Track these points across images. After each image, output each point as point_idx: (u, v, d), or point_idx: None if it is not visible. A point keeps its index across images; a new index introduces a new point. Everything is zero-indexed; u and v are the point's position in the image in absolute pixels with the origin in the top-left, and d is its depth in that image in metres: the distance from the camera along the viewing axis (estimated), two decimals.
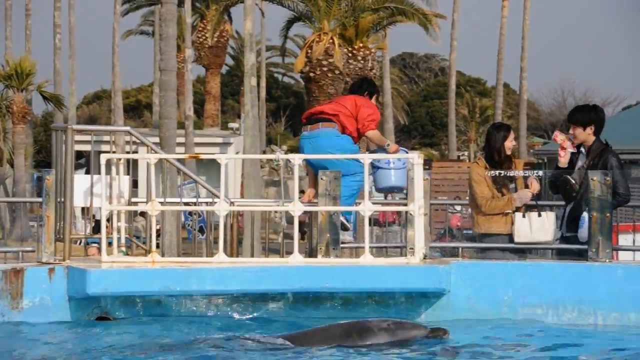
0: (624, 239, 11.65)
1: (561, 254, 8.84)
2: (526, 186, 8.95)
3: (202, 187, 10.75)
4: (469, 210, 9.48)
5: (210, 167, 23.46)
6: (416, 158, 8.13)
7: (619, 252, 9.17)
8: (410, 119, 65.29)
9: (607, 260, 8.10)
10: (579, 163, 8.95)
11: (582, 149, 8.89)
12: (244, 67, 19.66)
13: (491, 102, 52.88)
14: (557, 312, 7.93)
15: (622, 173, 8.99)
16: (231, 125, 39.41)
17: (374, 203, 8.57)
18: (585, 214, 8.50)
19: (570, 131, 8.87)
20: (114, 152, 9.40)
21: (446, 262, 8.13)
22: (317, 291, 7.90)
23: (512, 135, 9.08)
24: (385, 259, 8.86)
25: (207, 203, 10.56)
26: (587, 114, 8.79)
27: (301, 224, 8.81)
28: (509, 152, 8.99)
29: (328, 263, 8.05)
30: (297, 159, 8.42)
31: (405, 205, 8.32)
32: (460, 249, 9.45)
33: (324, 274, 7.85)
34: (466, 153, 54.38)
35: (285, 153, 32.93)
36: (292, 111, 64.38)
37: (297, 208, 8.17)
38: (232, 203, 10.21)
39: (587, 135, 8.75)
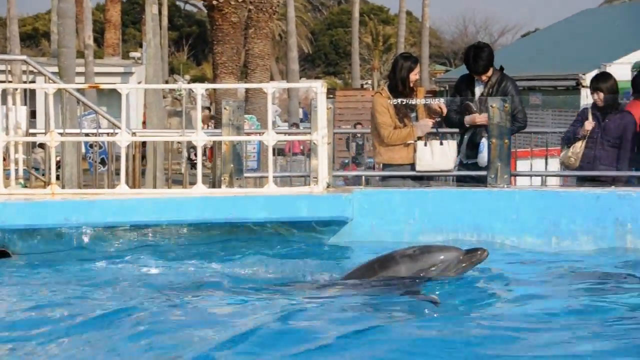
0: (522, 165, 11.92)
1: (461, 181, 9.00)
2: (429, 115, 9.04)
3: (103, 117, 10.57)
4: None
5: (111, 98, 23.05)
6: (319, 87, 8.12)
7: (516, 178, 9.37)
8: (314, 47, 65.10)
9: (505, 186, 8.27)
10: (478, 91, 9.08)
11: (483, 77, 9.02)
12: None
13: (394, 30, 53.04)
14: (457, 238, 8.09)
15: (520, 99, 9.17)
16: (132, 54, 38.71)
17: (277, 132, 8.55)
18: (484, 140, 8.65)
19: (476, 77, 8.98)
20: (10, 82, 9.15)
21: (349, 191, 8.19)
22: (220, 222, 7.89)
23: (418, 67, 9.14)
24: (288, 188, 8.89)
25: (108, 134, 10.40)
26: (484, 61, 8.91)
27: None
28: (412, 85, 9.03)
29: (231, 193, 8.04)
30: (199, 89, 8.33)
31: (309, 134, 8.34)
32: (363, 177, 9.54)
33: (227, 205, 7.84)
34: (370, 82, 54.60)
35: (188, 83, 32.55)
36: (194, 40, 63.49)
37: (199, 138, 8.11)
38: (133, 134, 10.07)
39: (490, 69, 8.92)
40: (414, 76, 9.00)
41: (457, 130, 9.34)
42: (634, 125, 9.01)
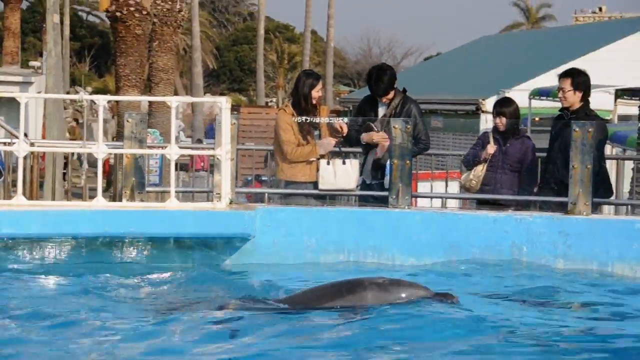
0: (423, 187, 12.08)
1: (364, 201, 9.06)
2: (331, 134, 9.09)
3: (0, 127, 10.33)
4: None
5: (10, 107, 22.49)
6: (224, 102, 8.08)
7: (417, 199, 9.49)
8: (219, 63, 64.92)
9: (406, 207, 8.36)
10: (381, 111, 9.17)
11: (384, 99, 9.12)
12: (46, 4, 18.91)
13: (299, 48, 53.29)
14: (357, 257, 8.13)
15: (423, 121, 9.29)
16: (32, 63, 37.92)
17: (180, 147, 8.49)
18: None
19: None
20: None
21: (252, 208, 8.17)
22: (120, 235, 7.77)
23: (320, 84, 9.18)
24: (191, 203, 8.81)
25: (5, 143, 10.16)
26: (387, 82, 9.00)
27: None
28: (314, 102, 9.06)
29: (132, 207, 7.93)
30: (101, 100, 8.20)
31: (213, 149, 8.29)
32: (266, 195, 9.53)
33: (128, 218, 7.73)
34: (274, 99, 54.67)
35: (90, 94, 32.07)
36: (97, 51, 62.62)
37: (100, 150, 7.98)
38: (32, 144, 9.86)
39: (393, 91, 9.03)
40: (316, 93, 9.04)
41: (360, 150, 9.40)
42: (533, 150, 9.21)
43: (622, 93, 20.94)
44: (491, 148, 9.10)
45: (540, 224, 8.08)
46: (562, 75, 8.87)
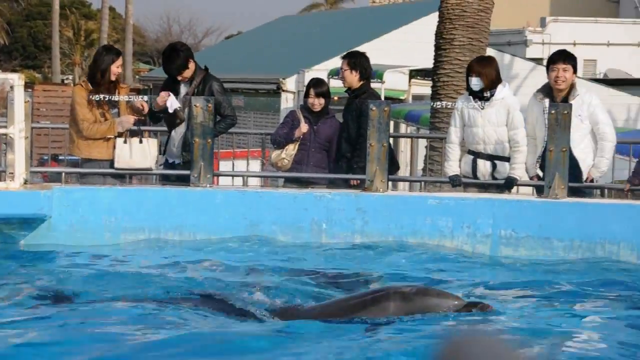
0: (224, 165, 12.08)
1: (166, 180, 8.97)
2: (131, 112, 8.93)
3: None
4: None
5: None
6: (16, 79, 7.79)
7: (219, 178, 9.47)
8: (11, 39, 62.42)
9: (208, 186, 8.35)
10: (183, 90, 9.09)
11: (181, 77, 9.04)
12: None
13: (97, 25, 52.00)
14: (158, 236, 8.06)
15: (227, 98, 9.28)
16: None
17: None
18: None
19: (180, 79, 8.95)
20: None
21: (47, 187, 7.93)
22: None
23: (120, 60, 9.00)
24: None
25: None
26: (180, 58, 8.90)
27: None
28: (114, 77, 8.88)
29: None
30: None
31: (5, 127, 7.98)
32: (63, 174, 9.27)
33: None
34: (71, 77, 53.15)
35: None
36: None
37: None
38: None
39: (192, 69, 8.92)
40: (116, 69, 8.86)
41: (165, 128, 9.29)
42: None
43: (416, 73, 21.68)
44: (304, 127, 9.18)
45: (339, 201, 8.25)
46: (342, 57, 9.22)
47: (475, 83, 8.27)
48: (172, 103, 8.74)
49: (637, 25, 31.32)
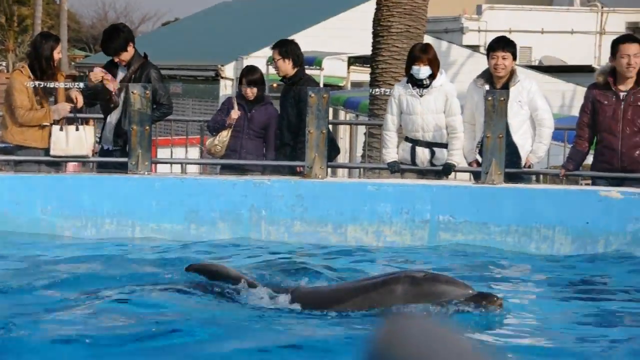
0: (162, 153, 11.99)
1: (103, 167, 8.88)
2: (68, 99, 8.81)
3: None
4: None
5: None
6: None
7: (157, 165, 9.40)
8: None
9: (146, 173, 8.29)
10: (120, 75, 9.00)
11: (122, 62, 8.95)
12: None
13: (30, 11, 51.19)
14: (95, 224, 7.98)
15: (164, 86, 9.21)
16: None
17: None
18: None
19: (116, 60, 8.87)
20: None
21: None
22: None
23: (59, 47, 8.90)
24: None
25: None
26: (119, 38, 8.83)
27: None
28: (55, 64, 8.78)
29: None
30: None
31: None
32: None
33: None
34: (4, 63, 52.26)
35: None
36: None
37: None
38: None
39: (130, 52, 8.84)
40: (57, 55, 8.76)
41: (101, 116, 9.19)
42: (277, 116, 9.39)
43: (355, 60, 21.73)
44: (235, 113, 9.14)
45: (278, 188, 8.25)
46: (273, 47, 9.18)
47: (425, 72, 8.28)
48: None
49: (570, 13, 31.78)
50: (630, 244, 7.63)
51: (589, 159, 8.50)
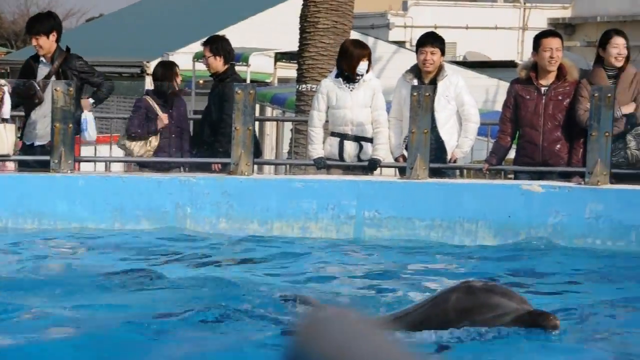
0: (86, 150, 11.84)
1: (25, 165, 8.75)
2: None
3: None
4: None
5: None
6: None
7: (81, 163, 9.28)
8: None
9: (69, 171, 8.17)
10: (44, 70, 8.87)
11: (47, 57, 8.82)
12: None
13: None
14: (16, 224, 7.86)
15: (92, 68, 9.09)
16: None
17: None
18: (86, 114, 8.58)
19: (33, 42, 8.77)
20: None
21: None
22: None
23: None
24: None
25: None
26: (48, 22, 8.79)
27: None
28: None
29: None
30: None
31: None
32: None
33: None
34: None
35: None
36: None
37: None
38: None
39: (51, 43, 8.75)
40: None
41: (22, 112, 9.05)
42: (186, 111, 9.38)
43: (281, 56, 21.70)
44: (165, 118, 9.04)
45: (204, 185, 8.21)
46: (203, 44, 9.14)
47: (363, 68, 8.34)
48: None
49: (494, 9, 32.19)
50: (551, 236, 7.77)
51: (512, 153, 8.63)
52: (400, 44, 26.77)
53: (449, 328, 4.70)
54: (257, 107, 18.64)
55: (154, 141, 8.97)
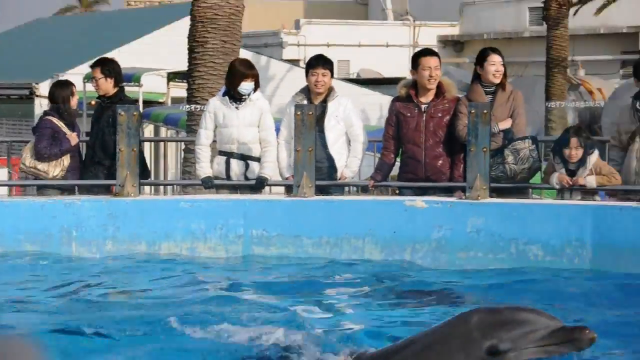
0: None
1: None
2: None
3: None
4: None
5: None
6: None
7: None
8: None
9: None
10: None
11: None
12: None
13: None
14: None
15: None
16: None
17: None
18: None
19: None
20: None
21: None
22: None
23: None
24: None
25: None
26: None
27: None
28: None
29: None
30: None
31: None
32: None
33: None
34: None
35: None
36: None
37: None
38: None
39: None
40: None
41: None
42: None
43: (174, 76, 21.61)
44: (75, 137, 8.91)
45: (89, 207, 8.13)
46: (93, 66, 9.04)
47: (250, 87, 8.39)
48: None
49: (385, 27, 32.69)
50: (435, 250, 7.92)
51: (397, 170, 8.78)
52: (294, 62, 26.96)
53: (473, 349, 4.22)
54: (152, 127, 18.56)
55: (66, 161, 8.81)
